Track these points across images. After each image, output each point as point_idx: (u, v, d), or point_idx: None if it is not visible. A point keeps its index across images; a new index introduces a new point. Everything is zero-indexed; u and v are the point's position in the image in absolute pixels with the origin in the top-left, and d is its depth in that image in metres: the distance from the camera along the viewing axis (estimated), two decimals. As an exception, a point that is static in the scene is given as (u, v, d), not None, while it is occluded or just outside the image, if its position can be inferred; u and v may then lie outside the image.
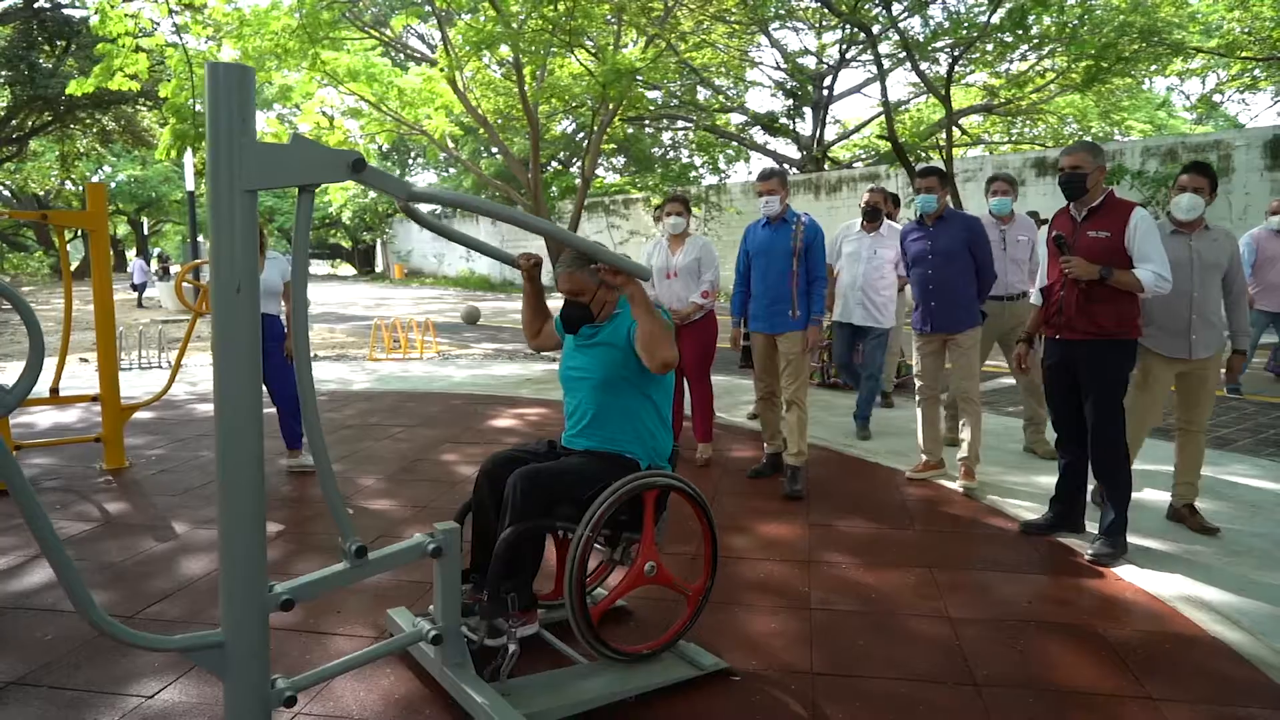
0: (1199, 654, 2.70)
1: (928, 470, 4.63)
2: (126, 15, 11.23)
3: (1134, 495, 3.66)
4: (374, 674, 2.58)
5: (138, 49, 11.48)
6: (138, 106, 25.62)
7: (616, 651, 2.51)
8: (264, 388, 4.70)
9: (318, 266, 54.10)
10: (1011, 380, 7.28)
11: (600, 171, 28.33)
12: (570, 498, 2.52)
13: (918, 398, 4.64)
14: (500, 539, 2.39)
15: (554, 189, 20.42)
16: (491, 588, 2.41)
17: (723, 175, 24.48)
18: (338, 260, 50.41)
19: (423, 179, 41.15)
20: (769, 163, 25.17)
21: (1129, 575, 3.31)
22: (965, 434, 4.41)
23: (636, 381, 2.66)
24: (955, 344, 4.44)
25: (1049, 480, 3.96)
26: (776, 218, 4.48)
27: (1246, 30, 15.28)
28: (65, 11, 23.31)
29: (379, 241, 41.07)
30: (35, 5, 22.82)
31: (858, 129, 25.38)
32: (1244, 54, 15.62)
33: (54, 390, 5.10)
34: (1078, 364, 3.51)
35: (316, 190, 1.94)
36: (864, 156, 25.00)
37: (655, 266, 5.08)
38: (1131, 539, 3.54)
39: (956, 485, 4.44)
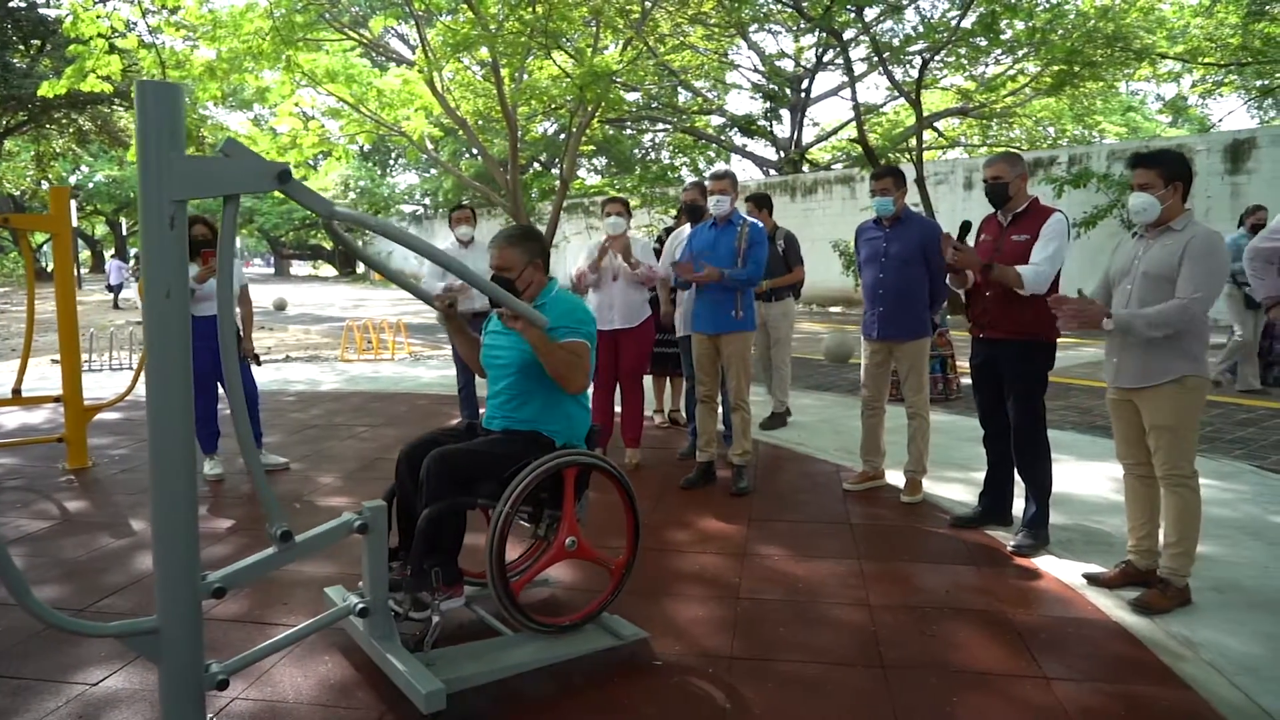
0: (1098, 637, 2.85)
1: (865, 481, 4.54)
2: (99, 16, 11.22)
3: (1059, 490, 3.83)
4: (310, 660, 2.69)
5: (111, 49, 11.47)
6: (114, 107, 25.48)
7: (539, 624, 2.64)
8: (220, 388, 4.85)
9: (299, 267, 53.91)
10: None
11: (581, 173, 28.42)
12: (490, 475, 2.63)
13: (862, 408, 4.54)
14: (422, 516, 2.52)
15: (534, 190, 20.52)
16: (414, 563, 2.53)
17: (703, 177, 24.73)
18: (319, 261, 50.27)
19: (404, 180, 41.16)
20: (748, 165, 25.40)
21: (1046, 565, 3.48)
22: (912, 447, 4.34)
23: None
24: (901, 354, 4.31)
25: (983, 475, 4.10)
26: (724, 219, 4.50)
27: (1209, 37, 15.60)
28: (40, 11, 23.17)
29: (360, 242, 40.99)
30: (9, 4, 22.66)
31: (835, 131, 25.61)
32: (1206, 60, 15.94)
33: (16, 391, 5.17)
34: (1000, 362, 3.67)
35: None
36: (842, 159, 25.23)
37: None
38: (1052, 531, 3.70)
39: (900, 498, 4.36)
